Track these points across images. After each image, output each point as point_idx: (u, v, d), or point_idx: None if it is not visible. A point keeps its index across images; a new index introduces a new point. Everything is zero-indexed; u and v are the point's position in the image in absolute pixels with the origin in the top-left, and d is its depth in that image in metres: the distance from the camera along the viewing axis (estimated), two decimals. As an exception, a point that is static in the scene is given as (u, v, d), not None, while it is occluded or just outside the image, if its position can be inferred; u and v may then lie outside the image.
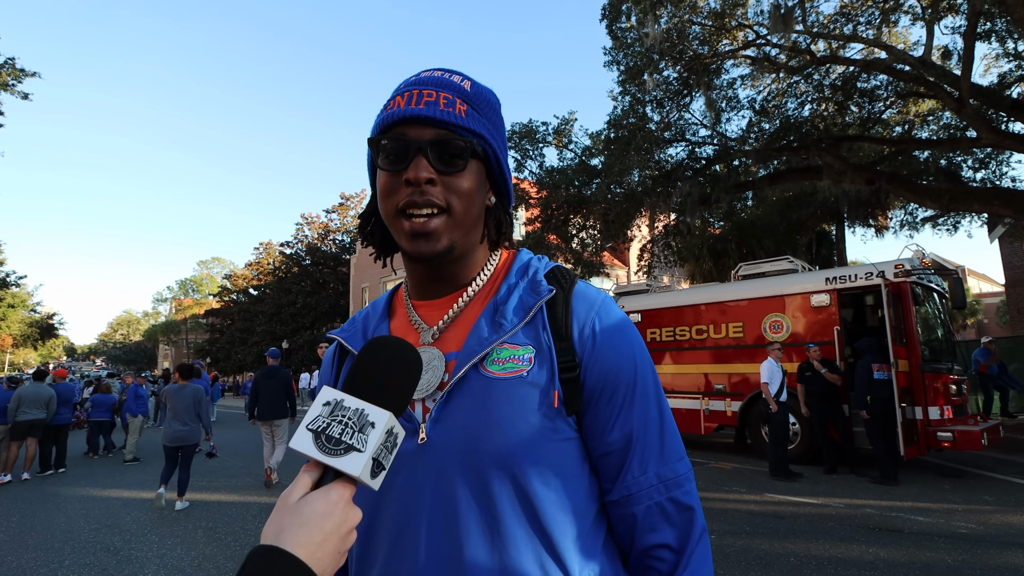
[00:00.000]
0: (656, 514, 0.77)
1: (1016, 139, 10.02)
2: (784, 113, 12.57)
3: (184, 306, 64.82)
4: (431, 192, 0.75)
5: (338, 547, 0.54)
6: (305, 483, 0.56)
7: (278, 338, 36.01)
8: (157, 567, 4.68)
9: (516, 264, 0.87)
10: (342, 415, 0.59)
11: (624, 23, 11.42)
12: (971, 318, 29.71)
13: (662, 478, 0.78)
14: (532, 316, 0.79)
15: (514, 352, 0.77)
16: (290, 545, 0.51)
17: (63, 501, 7.34)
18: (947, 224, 14.98)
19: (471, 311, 0.83)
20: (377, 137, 0.78)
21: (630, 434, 0.78)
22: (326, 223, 41.17)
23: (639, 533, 0.77)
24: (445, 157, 0.76)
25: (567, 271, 0.86)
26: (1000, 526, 5.18)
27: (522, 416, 0.73)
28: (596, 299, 0.82)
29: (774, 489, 6.85)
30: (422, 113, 0.75)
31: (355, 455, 0.56)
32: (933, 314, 8.55)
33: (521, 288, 0.82)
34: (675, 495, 0.78)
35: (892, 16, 10.60)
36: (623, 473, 0.78)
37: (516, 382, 0.75)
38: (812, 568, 4.25)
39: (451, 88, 0.79)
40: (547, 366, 0.76)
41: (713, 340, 9.65)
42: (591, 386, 0.78)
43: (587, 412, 0.78)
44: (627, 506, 0.77)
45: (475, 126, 0.79)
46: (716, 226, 18.17)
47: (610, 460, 0.78)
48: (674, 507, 0.77)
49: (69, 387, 10.57)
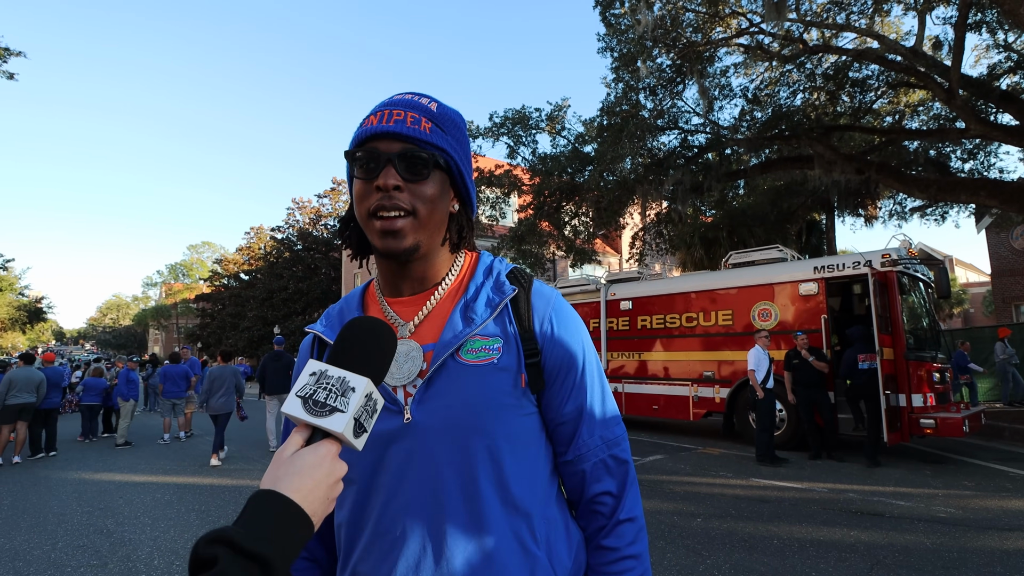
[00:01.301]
0: (600, 468, 0.95)
1: (1004, 130, 10.11)
2: (776, 102, 12.58)
3: (174, 290, 64.29)
4: (398, 197, 0.86)
5: (326, 494, 0.63)
6: (297, 441, 0.65)
7: (269, 323, 35.85)
8: (151, 549, 4.73)
9: (481, 266, 1.00)
10: (326, 382, 0.67)
11: (618, 9, 11.32)
12: (957, 308, 30.10)
13: (604, 439, 0.96)
14: (499, 311, 0.93)
15: (485, 343, 0.90)
16: (285, 489, 0.59)
17: (55, 484, 7.36)
18: (935, 214, 15.12)
19: (443, 307, 0.95)
20: (353, 150, 0.89)
21: (581, 406, 0.95)
22: (318, 208, 40.81)
23: (587, 484, 0.95)
24: (411, 167, 0.87)
25: (524, 272, 1.01)
26: (978, 510, 5.33)
27: (494, 396, 0.88)
28: (551, 296, 0.98)
29: (760, 474, 6.99)
30: (391, 129, 0.87)
31: (338, 415, 0.65)
32: (919, 303, 8.68)
33: (488, 287, 0.95)
34: (615, 452, 0.97)
35: (884, 6, 10.57)
36: (575, 438, 0.95)
37: (489, 368, 0.89)
38: (795, 551, 4.36)
39: (418, 109, 0.91)
40: (514, 353, 0.91)
41: (703, 328, 9.74)
42: (550, 369, 0.94)
43: (547, 391, 0.94)
44: (578, 464, 0.95)
45: (438, 141, 0.90)
46: (708, 214, 18.22)
47: (565, 428, 0.96)
48: (614, 462, 0.96)
49: (58, 371, 10.51)
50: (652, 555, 4.33)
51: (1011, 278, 18.68)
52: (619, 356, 10.94)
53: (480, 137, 14.65)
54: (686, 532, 4.82)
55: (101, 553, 4.70)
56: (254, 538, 0.53)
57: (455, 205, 0.97)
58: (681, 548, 4.45)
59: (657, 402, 10.23)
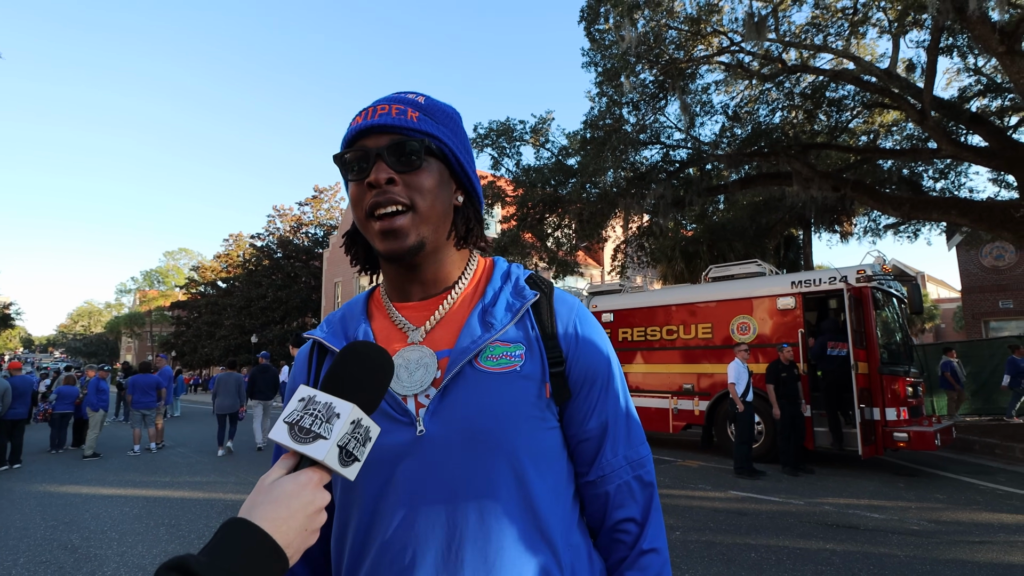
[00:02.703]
0: (624, 492, 0.87)
1: (974, 151, 10.43)
2: (756, 119, 12.83)
3: (149, 298, 63.09)
4: (393, 191, 0.80)
5: (304, 524, 0.59)
6: (281, 468, 0.63)
7: (247, 332, 35.32)
8: (117, 565, 4.58)
9: (497, 270, 0.94)
10: (313, 408, 0.64)
11: (602, 25, 11.49)
12: (929, 323, 30.81)
13: (629, 460, 0.89)
14: (520, 316, 0.86)
15: (506, 349, 0.83)
16: (258, 519, 0.56)
17: (18, 497, 7.11)
18: (908, 231, 15.50)
19: (458, 312, 0.88)
20: (341, 152, 0.84)
21: (605, 422, 0.88)
22: (299, 216, 40.49)
23: (610, 509, 0.87)
24: (402, 157, 0.81)
25: (543, 278, 0.94)
26: (950, 523, 5.41)
27: (518, 407, 0.81)
28: (574, 303, 0.93)
29: (738, 487, 7.02)
30: (376, 123, 0.82)
31: (321, 442, 0.62)
32: (892, 318, 8.85)
33: (507, 291, 0.89)
34: (639, 474, 0.89)
35: (860, 28, 10.89)
36: (598, 457, 0.88)
37: (512, 376, 0.81)
38: (772, 563, 4.38)
39: (405, 101, 0.85)
40: (537, 361, 0.84)
41: (683, 340, 9.82)
42: (575, 379, 0.87)
43: (570, 403, 0.87)
44: (601, 485, 0.87)
45: (428, 128, 0.84)
46: (688, 228, 18.46)
47: (588, 445, 0.88)
48: (639, 484, 0.88)
49: (27, 380, 10.12)
50: (631, 569, 4.29)
51: (980, 294, 19.17)
52: (600, 368, 10.92)
53: (464, 148, 14.69)
54: (665, 545, 4.80)
55: (65, 569, 4.53)
56: (216, 569, 0.50)
57: (459, 197, 0.90)
58: (660, 562, 4.43)
59: (637, 414, 10.24)
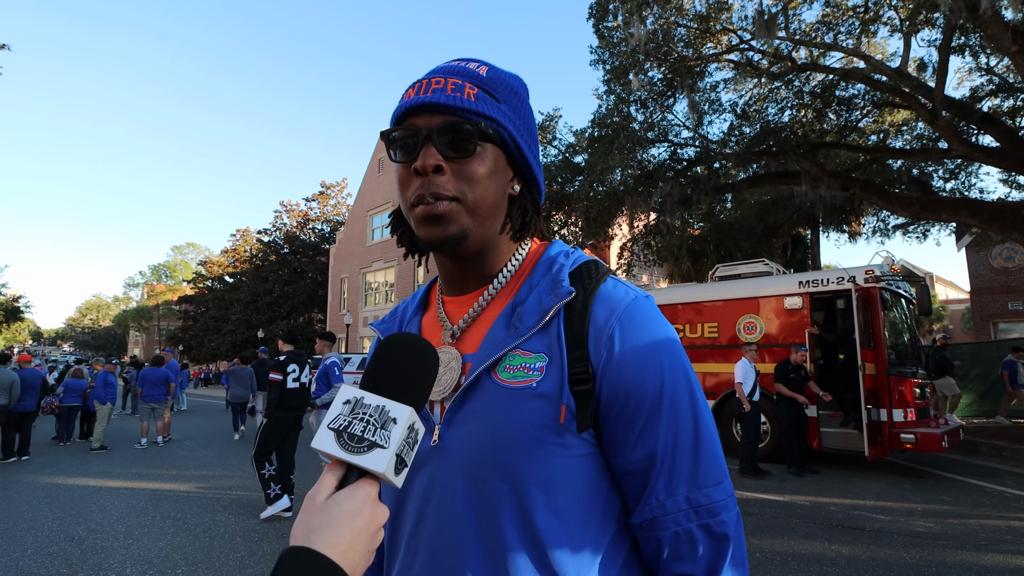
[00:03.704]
0: (684, 542, 0.70)
1: (985, 151, 10.32)
2: (764, 118, 12.75)
3: (156, 292, 63.34)
4: (438, 182, 0.72)
5: (367, 546, 0.54)
6: (330, 483, 0.55)
7: (253, 327, 35.46)
8: (123, 558, 4.61)
9: (543, 258, 0.82)
10: (363, 412, 0.57)
11: (611, 22, 11.44)
12: (937, 324, 30.59)
13: (693, 503, 0.70)
14: (548, 320, 0.74)
15: (526, 360, 0.72)
16: (321, 546, 0.50)
17: (26, 489, 7.17)
18: (917, 232, 15.40)
19: (492, 310, 0.79)
20: (388, 130, 0.76)
21: (654, 453, 0.71)
22: (306, 211, 40.53)
23: (665, 561, 0.71)
24: (454, 142, 0.73)
25: (597, 267, 0.79)
26: (956, 526, 5.37)
27: (527, 430, 0.69)
28: (621, 302, 0.75)
29: (743, 486, 7.00)
30: (428, 100, 0.73)
31: (379, 451, 0.55)
32: (900, 319, 8.79)
33: (542, 287, 0.77)
34: (708, 522, 0.70)
35: (871, 27, 10.80)
36: (647, 495, 0.71)
37: (526, 393, 0.71)
38: (776, 564, 4.36)
39: (462, 74, 0.77)
40: (558, 376, 0.71)
41: (688, 339, 9.77)
42: (608, 399, 0.71)
43: (606, 427, 0.72)
44: (651, 530, 0.71)
45: (485, 109, 0.75)
46: (695, 227, 18.38)
47: (632, 480, 0.73)
48: (705, 535, 0.70)
49: (36, 373, 10.15)
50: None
51: (990, 296, 19.02)
52: (605, 366, 10.92)
53: (471, 144, 14.68)
54: (669, 545, 4.79)
55: (71, 561, 4.57)
56: None
57: (516, 186, 0.81)
58: (664, 561, 4.42)
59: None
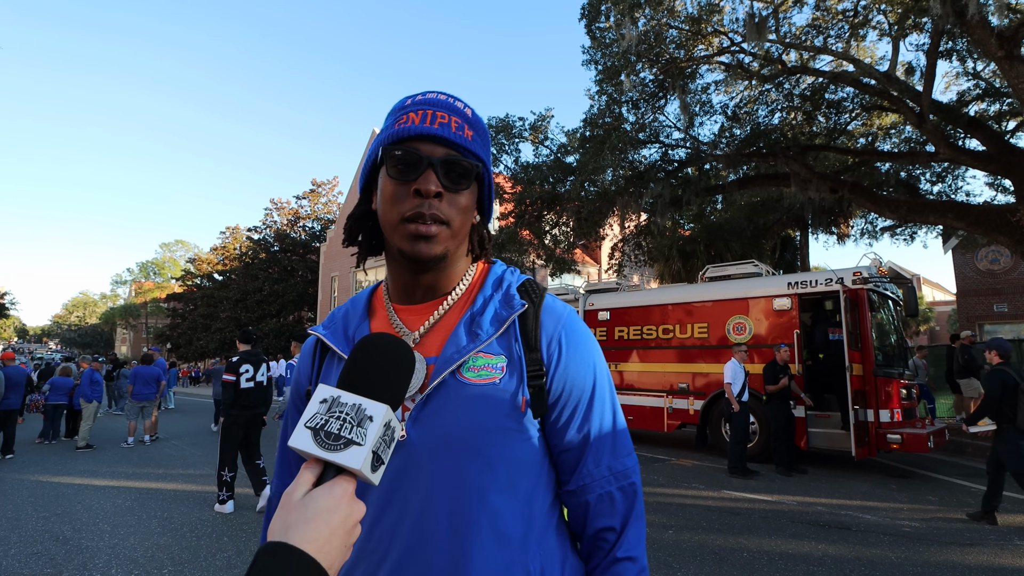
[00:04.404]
0: (605, 502, 0.89)
1: (972, 155, 10.45)
2: (755, 120, 12.83)
3: (144, 289, 62.68)
4: (437, 206, 0.83)
5: (344, 541, 0.55)
6: (307, 480, 0.57)
7: (242, 325, 35.16)
8: (108, 557, 4.56)
9: (491, 276, 0.95)
10: (340, 411, 0.59)
11: (603, 23, 11.45)
12: (923, 325, 30.93)
13: (613, 471, 0.90)
14: (506, 328, 0.88)
15: (488, 361, 0.85)
16: (298, 541, 0.51)
17: (10, 487, 7.08)
18: (904, 234, 15.55)
19: (449, 319, 0.91)
20: (391, 145, 0.84)
21: (587, 434, 0.90)
22: (296, 209, 40.26)
23: (591, 518, 0.90)
24: (453, 175, 0.84)
25: (536, 285, 0.95)
26: (941, 525, 5.44)
27: (494, 419, 0.83)
28: (562, 314, 0.93)
29: (731, 486, 7.04)
30: (437, 132, 0.84)
31: (355, 449, 0.57)
32: (887, 321, 8.87)
33: (496, 300, 0.91)
34: (623, 485, 0.91)
35: (860, 31, 10.90)
36: (580, 467, 0.89)
37: (490, 389, 0.84)
38: (764, 563, 4.39)
39: (460, 114, 0.88)
40: (517, 374, 0.86)
41: (679, 340, 9.82)
42: (556, 392, 0.88)
43: (551, 415, 0.89)
44: (582, 495, 0.89)
45: (478, 151, 0.88)
46: (686, 227, 18.45)
47: (569, 456, 0.90)
48: (620, 495, 0.90)
49: (21, 371, 10.03)
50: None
51: (975, 298, 19.23)
52: (596, 366, 10.96)
53: (462, 144, 14.62)
54: (658, 544, 4.82)
55: (56, 561, 4.51)
56: None
57: (477, 216, 0.95)
58: (652, 560, 4.44)
59: (632, 412, 10.27)
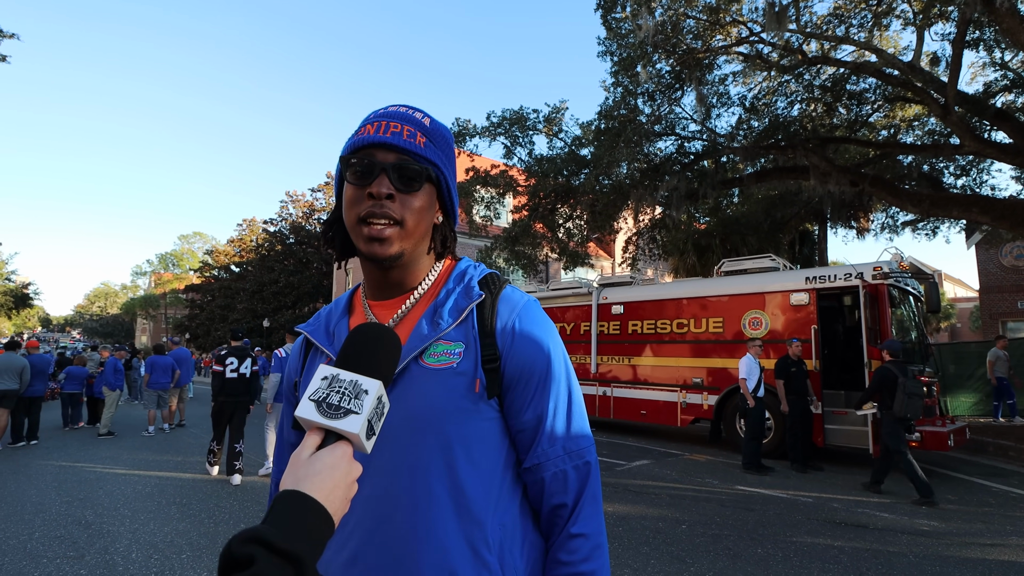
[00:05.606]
0: (559, 479, 0.94)
1: (998, 148, 10.18)
2: (773, 112, 12.60)
3: (164, 280, 63.63)
4: (389, 206, 0.90)
5: (345, 494, 0.64)
6: (312, 443, 0.66)
7: (259, 316, 35.60)
8: (129, 542, 4.66)
9: (455, 271, 1.03)
10: (339, 386, 0.68)
11: (619, 13, 11.31)
12: (945, 322, 30.38)
13: (567, 450, 0.96)
14: (464, 316, 0.95)
15: (447, 347, 0.93)
16: (308, 490, 0.61)
17: (35, 473, 7.25)
18: (926, 229, 15.22)
19: (416, 312, 0.99)
20: (348, 156, 0.93)
21: (541, 415, 0.95)
22: (311, 202, 40.49)
23: (546, 496, 0.95)
24: (404, 178, 0.91)
25: (498, 277, 1.03)
26: (960, 524, 5.36)
27: (452, 400, 0.89)
28: (518, 302, 0.99)
29: (745, 482, 6.99)
30: (388, 140, 0.91)
31: (353, 417, 0.66)
32: (908, 317, 8.73)
33: (457, 292, 0.98)
34: (577, 463, 0.96)
35: (884, 20, 10.63)
36: (535, 446, 0.95)
37: (448, 372, 0.91)
38: (779, 560, 4.36)
39: (413, 123, 0.95)
40: (473, 358, 0.92)
41: (693, 334, 9.75)
42: (509, 375, 0.94)
43: (506, 396, 0.95)
44: (537, 472, 0.95)
45: (431, 155, 0.94)
46: (701, 221, 18.26)
47: (525, 435, 0.96)
48: (575, 473, 0.95)
49: (44, 359, 10.33)
50: (635, 561, 4.31)
51: (999, 294, 18.84)
52: (609, 360, 10.93)
53: (477, 136, 14.56)
54: (671, 539, 4.80)
55: (78, 544, 4.62)
56: (288, 537, 0.54)
57: (439, 216, 1.02)
58: (665, 555, 4.43)
59: (645, 407, 10.23)
